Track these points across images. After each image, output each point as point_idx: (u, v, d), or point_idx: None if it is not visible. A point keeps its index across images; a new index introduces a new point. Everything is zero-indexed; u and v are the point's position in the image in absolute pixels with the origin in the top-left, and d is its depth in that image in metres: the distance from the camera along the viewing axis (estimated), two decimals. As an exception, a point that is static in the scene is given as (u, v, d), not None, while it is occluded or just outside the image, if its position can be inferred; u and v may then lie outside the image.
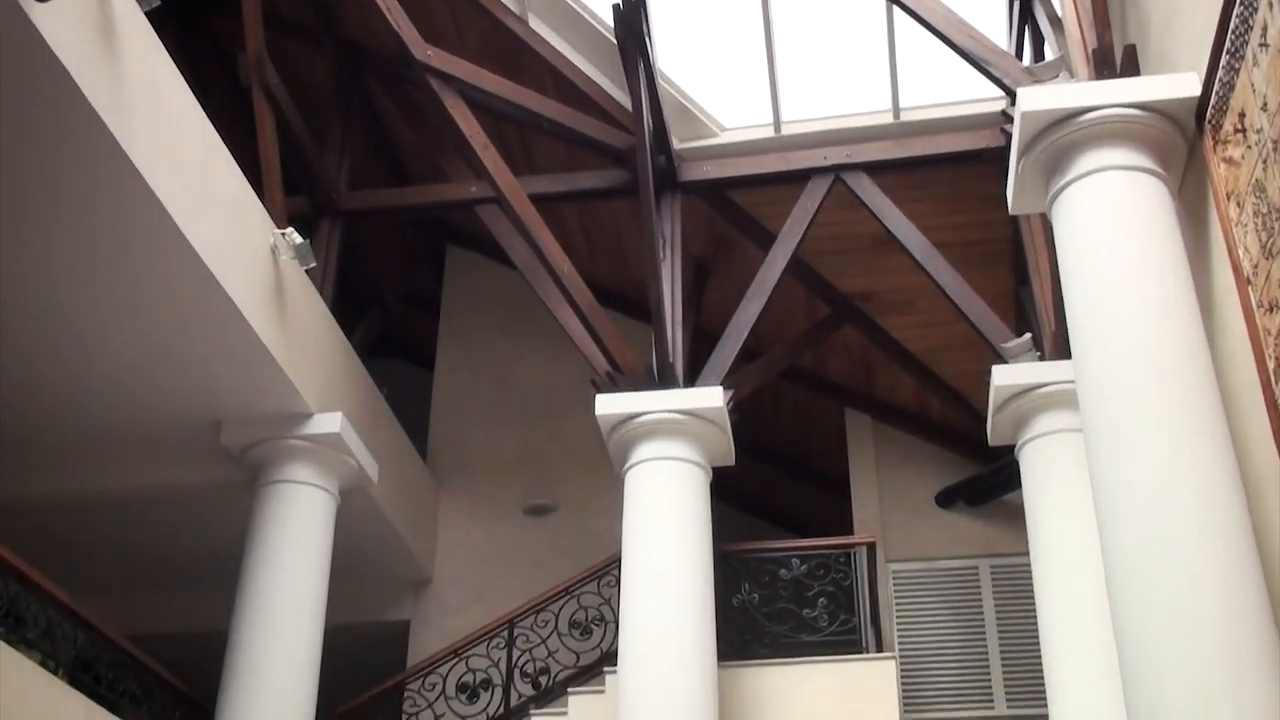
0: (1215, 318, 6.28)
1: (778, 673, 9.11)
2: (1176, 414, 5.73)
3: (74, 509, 10.13)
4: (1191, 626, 5.30)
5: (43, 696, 7.20)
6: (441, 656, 9.99)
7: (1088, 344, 6.15)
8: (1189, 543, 5.45)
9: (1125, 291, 6.07)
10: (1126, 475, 5.74)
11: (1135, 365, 5.89)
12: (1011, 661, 10.19)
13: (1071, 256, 6.40)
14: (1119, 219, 6.25)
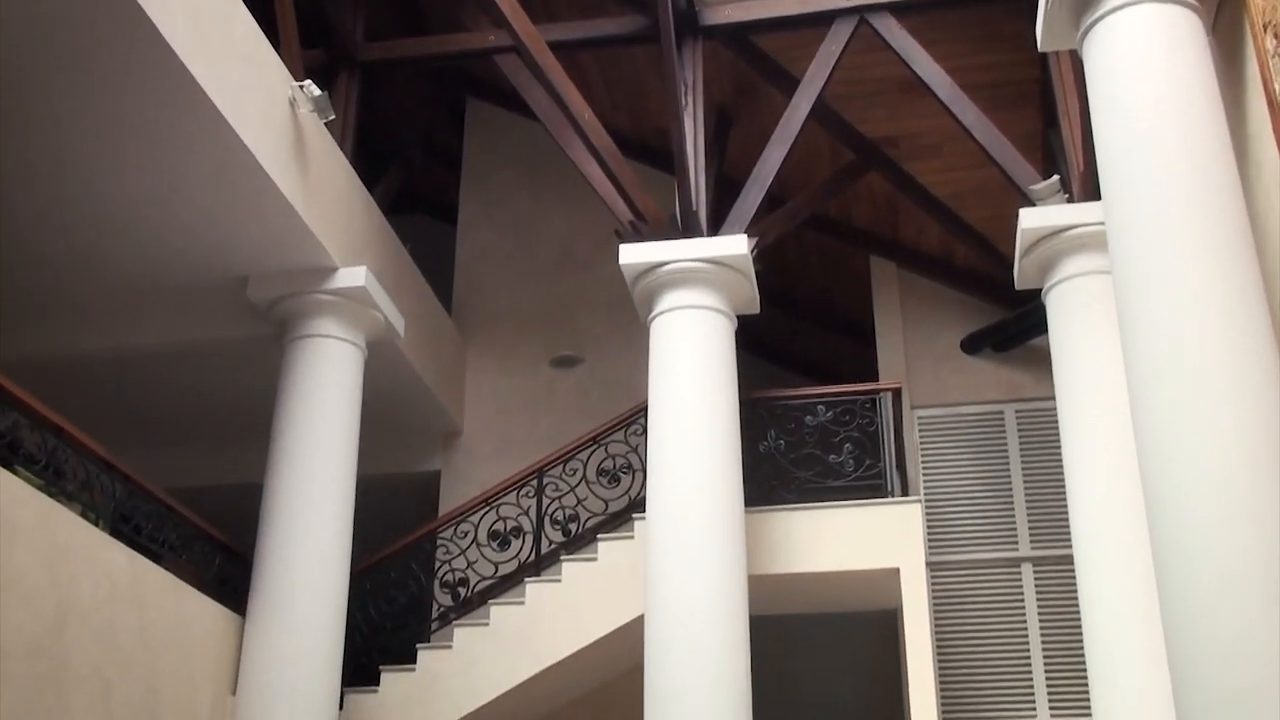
0: (1249, 155, 6.20)
1: (804, 517, 9.26)
2: (1208, 254, 5.66)
3: (107, 366, 10.27)
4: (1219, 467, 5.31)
5: (85, 547, 7.38)
6: (472, 505, 10.15)
7: (1118, 184, 6.06)
8: (1219, 385, 5.43)
9: (1158, 129, 5.95)
10: (1156, 317, 5.71)
11: (1166, 205, 5.81)
12: (1036, 504, 10.30)
13: (1102, 94, 6.27)
14: (1152, 54, 6.11)
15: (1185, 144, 5.88)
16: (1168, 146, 5.89)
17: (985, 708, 9.89)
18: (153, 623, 7.94)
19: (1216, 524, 5.23)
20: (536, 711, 10.18)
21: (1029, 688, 9.91)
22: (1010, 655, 10.03)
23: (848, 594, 9.69)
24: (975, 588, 10.22)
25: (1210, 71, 6.11)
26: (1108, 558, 8.02)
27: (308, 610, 8.62)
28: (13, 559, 6.71)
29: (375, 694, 9.30)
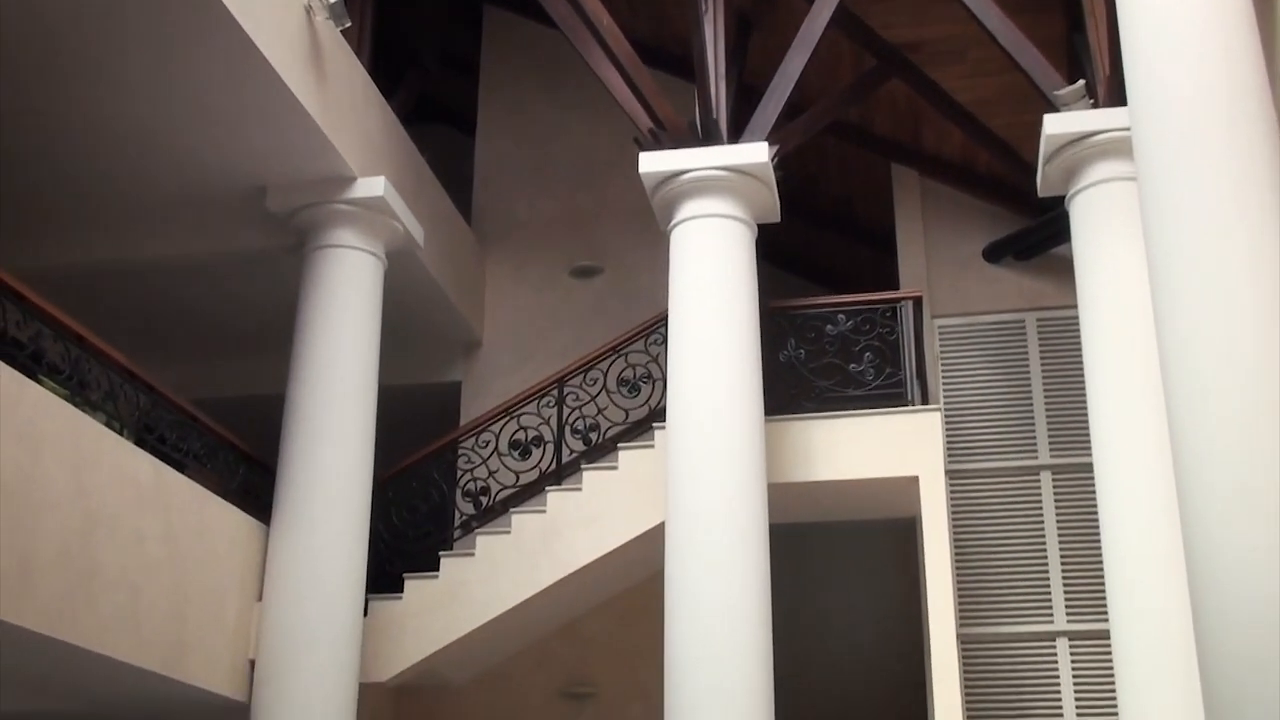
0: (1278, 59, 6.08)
1: (824, 426, 9.28)
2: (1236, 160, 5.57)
3: (127, 279, 10.32)
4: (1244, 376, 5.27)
5: (111, 456, 7.45)
6: (493, 415, 10.21)
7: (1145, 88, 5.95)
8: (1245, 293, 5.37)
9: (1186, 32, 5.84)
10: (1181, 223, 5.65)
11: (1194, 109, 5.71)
12: (1056, 413, 10.29)
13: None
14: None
15: (1214, 47, 5.77)
16: (1196, 50, 5.78)
17: (1003, 615, 9.97)
18: (179, 530, 8.04)
19: (1238, 433, 5.21)
20: (558, 619, 10.33)
21: (1046, 596, 9.98)
22: (1028, 563, 10.08)
23: (867, 502, 9.74)
24: (994, 496, 10.26)
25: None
26: (1128, 466, 8.03)
27: (331, 518, 8.71)
28: (40, 467, 6.78)
29: (399, 601, 9.43)
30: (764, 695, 7.94)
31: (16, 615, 6.51)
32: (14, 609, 6.50)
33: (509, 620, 9.45)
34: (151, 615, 7.67)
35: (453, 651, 9.43)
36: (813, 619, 11.90)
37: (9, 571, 6.47)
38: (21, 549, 6.58)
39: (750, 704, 7.83)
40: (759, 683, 7.93)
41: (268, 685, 8.40)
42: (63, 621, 6.87)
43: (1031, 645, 9.92)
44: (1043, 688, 9.83)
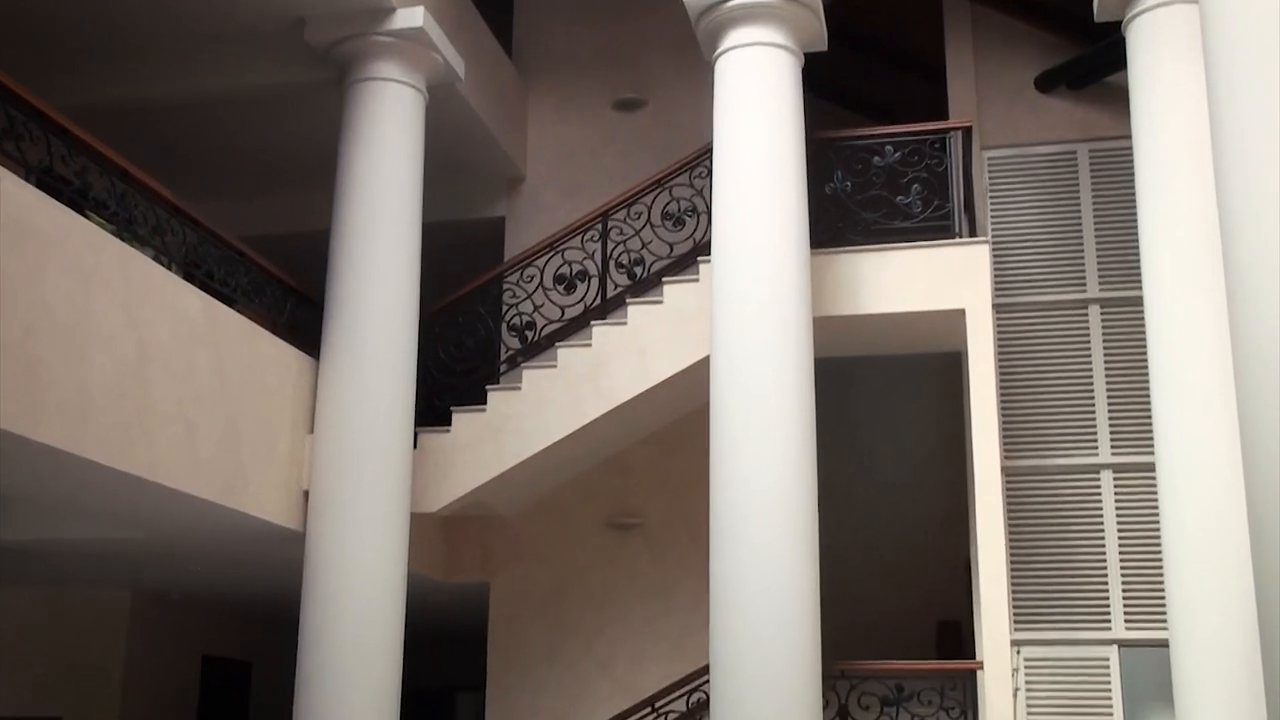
0: None
1: (870, 259, 9.21)
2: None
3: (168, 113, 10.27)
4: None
5: (161, 291, 7.51)
6: (538, 250, 10.19)
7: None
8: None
9: None
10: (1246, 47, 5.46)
11: (1261, -76, 5.48)
12: (1106, 246, 10.17)
13: None
14: None
15: None
16: None
17: (1047, 448, 10.01)
18: (230, 365, 8.14)
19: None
20: (603, 452, 10.45)
21: (1091, 429, 9.99)
22: (1074, 397, 10.08)
23: (912, 336, 9.72)
24: (1041, 330, 10.21)
25: None
26: (1180, 299, 7.96)
27: (379, 352, 8.78)
28: (91, 301, 6.85)
29: (447, 434, 9.56)
30: (808, 524, 8.05)
31: (76, 446, 6.66)
32: (73, 440, 6.64)
33: (555, 453, 9.58)
34: (206, 447, 7.83)
35: (500, 483, 9.60)
36: (857, 453, 11.99)
37: (66, 403, 6.59)
38: (77, 381, 6.70)
39: (794, 531, 7.94)
40: (803, 513, 8.04)
41: (321, 515, 8.58)
42: (121, 452, 7.02)
43: (1075, 478, 9.98)
44: (1086, 520, 9.91)
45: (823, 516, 8.29)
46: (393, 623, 8.50)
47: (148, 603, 12.33)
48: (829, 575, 8.43)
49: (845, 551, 10.66)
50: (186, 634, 12.92)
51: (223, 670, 13.45)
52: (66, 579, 11.66)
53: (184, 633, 12.87)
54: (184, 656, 12.88)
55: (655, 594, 10.36)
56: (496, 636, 10.62)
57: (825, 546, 8.29)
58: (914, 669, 8.93)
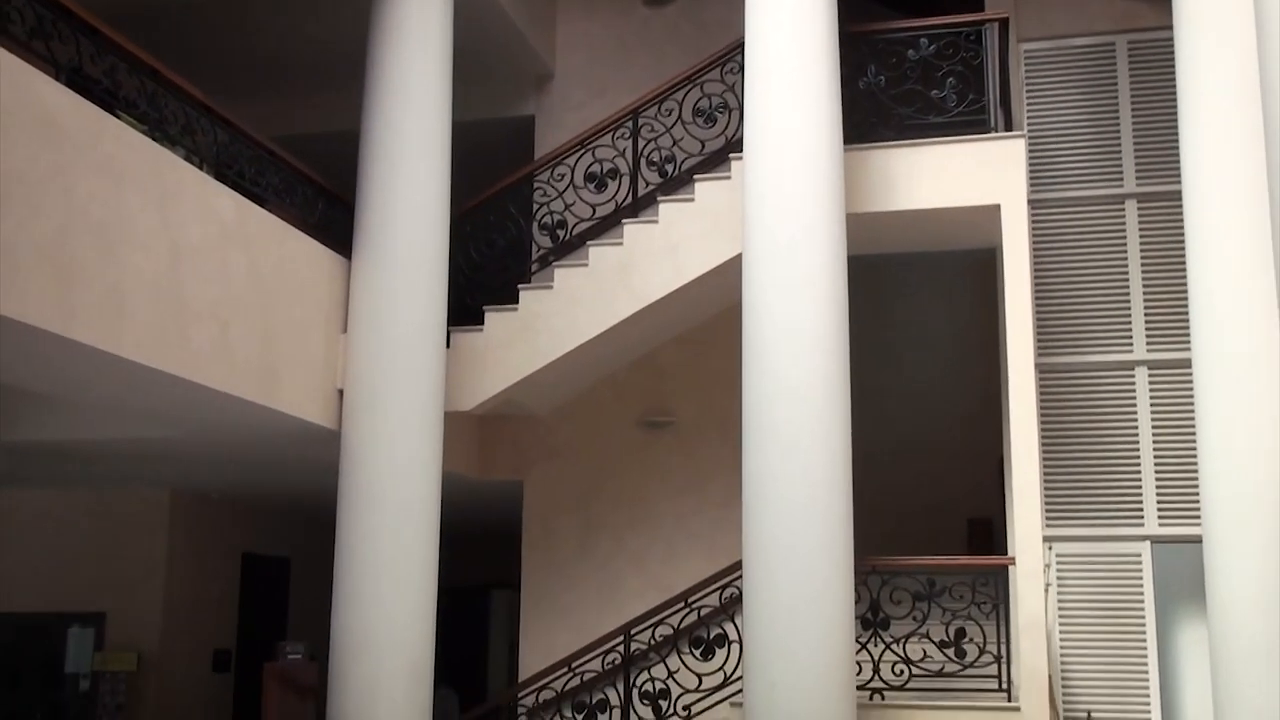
0: None
1: (904, 154, 9.10)
2: None
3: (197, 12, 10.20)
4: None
5: (193, 191, 7.52)
6: (568, 148, 10.12)
7: None
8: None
9: None
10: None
11: None
12: (1145, 139, 10.03)
13: None
14: None
15: None
16: None
17: (1082, 345, 9.97)
18: (263, 265, 8.16)
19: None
20: (635, 351, 10.46)
21: (1127, 325, 9.94)
22: (1109, 293, 10.02)
23: (946, 232, 9.62)
24: (1077, 225, 10.12)
25: None
26: (1219, 193, 7.85)
27: (410, 251, 8.78)
28: (124, 201, 6.86)
29: (480, 333, 9.58)
30: (840, 423, 8.06)
31: (112, 345, 6.71)
32: (109, 339, 6.69)
33: (587, 352, 9.60)
34: (241, 346, 7.88)
35: (533, 382, 9.63)
36: (890, 350, 11.96)
37: (101, 303, 6.63)
38: (113, 281, 6.73)
39: (827, 429, 7.95)
40: (835, 411, 8.04)
41: (356, 414, 8.65)
42: (156, 351, 7.08)
43: (1110, 375, 9.95)
44: (1119, 417, 9.89)
45: (855, 414, 8.29)
46: (428, 520, 8.60)
47: (187, 501, 12.53)
48: (861, 473, 8.46)
49: (877, 449, 10.67)
50: (226, 532, 13.13)
51: (262, 567, 13.69)
52: (108, 479, 11.84)
53: (223, 530, 13.08)
54: (224, 553, 13.10)
55: (687, 491, 10.44)
56: (530, 534, 10.74)
57: (857, 444, 8.30)
58: (946, 564, 8.98)
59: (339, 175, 9.36)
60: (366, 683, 8.19)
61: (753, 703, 7.85)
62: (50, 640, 12.89)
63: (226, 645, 13.04)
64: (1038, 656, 8.37)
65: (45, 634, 12.91)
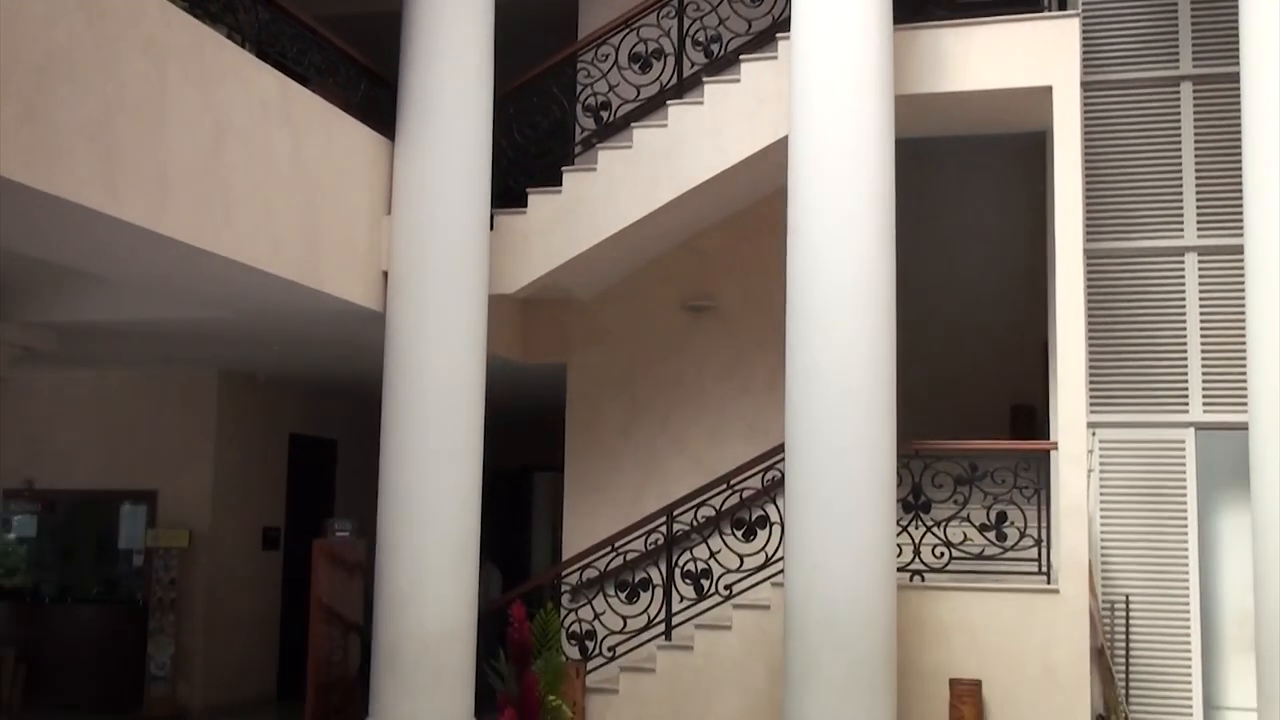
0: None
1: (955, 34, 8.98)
2: None
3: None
4: None
5: (236, 70, 7.49)
6: (612, 27, 9.96)
7: None
8: None
9: None
10: None
11: None
12: (1203, 17, 9.76)
13: None
14: None
15: None
16: None
17: (1131, 232, 9.84)
18: (306, 145, 8.15)
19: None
20: (679, 235, 10.41)
21: (1178, 210, 9.79)
22: (1161, 177, 9.85)
23: (996, 115, 9.47)
24: (1130, 108, 9.91)
25: None
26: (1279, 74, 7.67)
27: (453, 133, 8.73)
28: (167, 81, 6.84)
29: (523, 215, 9.56)
30: (885, 305, 8.03)
31: (158, 224, 6.75)
32: (155, 218, 6.72)
33: (630, 235, 9.56)
34: (285, 226, 7.90)
35: (576, 265, 9.62)
36: (936, 235, 11.83)
37: (147, 183, 6.66)
38: (157, 160, 6.74)
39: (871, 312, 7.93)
40: (880, 295, 8.00)
41: (401, 296, 8.68)
42: (201, 231, 7.11)
43: (1159, 260, 9.83)
44: (1167, 304, 9.79)
45: (899, 300, 8.24)
46: (473, 402, 8.67)
47: (235, 382, 12.68)
48: (904, 358, 8.43)
49: (922, 335, 10.62)
50: (274, 413, 13.30)
51: (309, 448, 13.88)
52: (157, 359, 11.99)
53: (271, 411, 13.25)
54: (272, 434, 13.29)
55: (729, 375, 10.45)
56: (573, 416, 10.81)
57: (901, 330, 8.27)
58: (988, 448, 8.99)
59: (381, 56, 9.28)
60: (413, 560, 8.33)
61: (793, 583, 7.95)
62: (104, 517, 13.20)
63: (275, 524, 13.30)
64: (1078, 541, 8.41)
65: (99, 511, 13.23)
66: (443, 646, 8.24)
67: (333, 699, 9.10)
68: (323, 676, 9.03)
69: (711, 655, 9.05)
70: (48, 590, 13.18)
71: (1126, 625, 9.55)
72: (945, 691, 8.34)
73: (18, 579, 13.23)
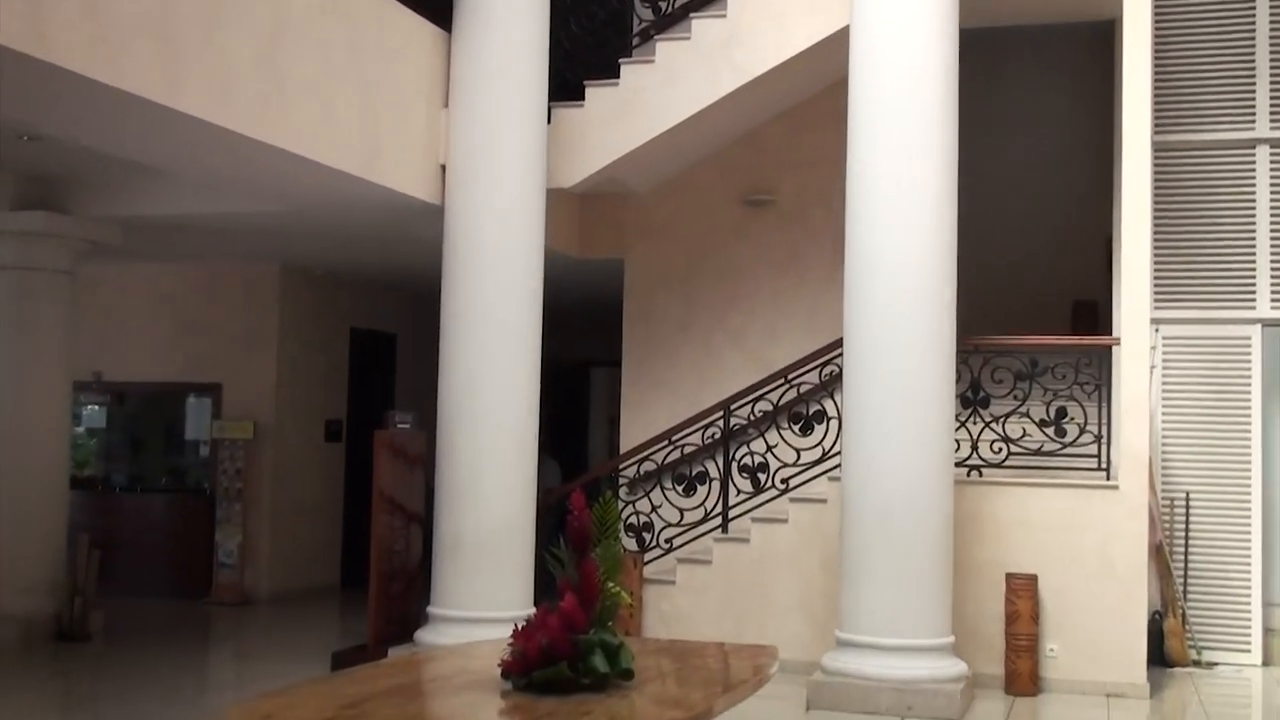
0: None
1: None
2: None
3: None
4: None
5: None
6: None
7: None
8: None
9: None
10: None
11: None
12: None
13: None
14: None
15: None
16: None
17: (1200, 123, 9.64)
18: (364, 37, 8.11)
19: None
20: (737, 128, 10.31)
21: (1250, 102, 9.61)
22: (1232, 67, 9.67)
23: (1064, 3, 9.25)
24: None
25: None
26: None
27: (510, 24, 8.63)
28: (223, -28, 6.82)
29: (580, 109, 9.50)
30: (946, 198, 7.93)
31: (217, 116, 6.77)
32: (214, 110, 6.74)
33: (688, 128, 9.47)
34: (343, 120, 7.90)
35: (633, 159, 9.56)
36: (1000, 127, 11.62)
37: (206, 74, 6.67)
38: (215, 53, 6.74)
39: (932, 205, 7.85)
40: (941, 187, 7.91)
41: (459, 189, 8.67)
42: (260, 123, 7.13)
43: (1228, 153, 9.64)
44: (1236, 197, 9.62)
45: (962, 193, 8.13)
46: (531, 297, 8.68)
47: (297, 277, 12.79)
48: (966, 253, 8.34)
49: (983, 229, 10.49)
50: (334, 307, 13.42)
51: (370, 342, 14.02)
52: (219, 253, 12.10)
53: (332, 306, 13.37)
54: (333, 328, 13.43)
55: (787, 269, 10.40)
56: (631, 311, 10.82)
57: (963, 224, 8.16)
58: (1049, 344, 8.92)
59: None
60: (473, 452, 8.43)
61: (850, 477, 7.98)
62: (171, 409, 13.45)
63: (337, 417, 13.48)
64: (1139, 437, 8.37)
65: (166, 403, 13.47)
66: (502, 536, 8.37)
67: (395, 587, 9.28)
68: (385, 565, 9.20)
69: (767, 548, 9.14)
70: (118, 480, 13.51)
71: (1186, 522, 9.53)
72: (1001, 586, 8.39)
73: (89, 469, 13.56)
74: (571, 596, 4.09)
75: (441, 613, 8.42)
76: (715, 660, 5.19)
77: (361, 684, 4.36)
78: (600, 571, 4.18)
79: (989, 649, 8.39)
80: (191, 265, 12.71)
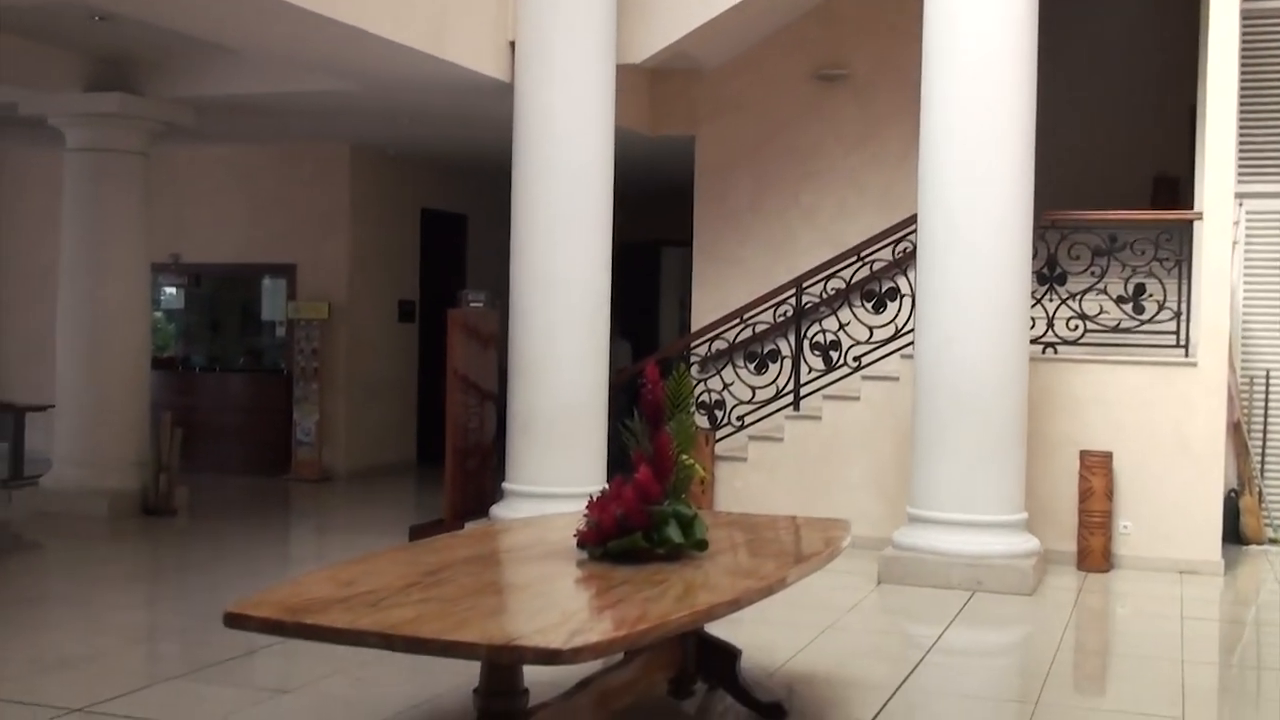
0: None
1: None
2: None
3: None
4: None
5: None
6: None
7: None
8: None
9: None
10: None
11: None
12: None
13: None
14: None
15: None
16: None
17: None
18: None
19: None
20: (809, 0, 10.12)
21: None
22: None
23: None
24: None
25: None
26: None
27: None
28: None
29: None
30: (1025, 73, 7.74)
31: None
32: (284, -13, 6.73)
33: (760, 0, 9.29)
34: None
35: (705, 33, 9.39)
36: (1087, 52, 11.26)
37: (275, -50, 6.64)
38: (283, -72, 6.70)
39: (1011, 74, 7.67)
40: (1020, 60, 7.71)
41: (528, 66, 8.57)
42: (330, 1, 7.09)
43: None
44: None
45: (1040, 65, 7.91)
46: (602, 174, 8.60)
47: (367, 157, 12.81)
48: (1044, 127, 8.14)
49: (1062, 103, 10.26)
50: (405, 187, 13.45)
51: (441, 222, 14.06)
52: (291, 134, 12.14)
53: (403, 186, 13.40)
54: (404, 208, 13.47)
55: (861, 145, 10.25)
56: (702, 190, 10.74)
57: (1041, 96, 7.95)
58: (1128, 219, 8.75)
59: None
60: (546, 330, 8.45)
61: (923, 355, 7.93)
62: (247, 290, 13.63)
63: (410, 297, 13.59)
64: (1219, 314, 8.23)
65: (242, 284, 13.65)
66: (575, 412, 8.44)
67: (470, 463, 9.40)
68: (460, 442, 9.31)
69: (839, 426, 9.15)
70: (197, 361, 13.76)
71: (1266, 400, 9.40)
72: (1075, 462, 8.34)
73: (169, 351, 13.81)
74: (646, 468, 4.13)
75: (516, 488, 8.54)
76: (787, 532, 5.24)
77: (440, 553, 4.44)
78: (674, 444, 4.21)
79: (1062, 526, 8.37)
80: (264, 146, 12.77)
